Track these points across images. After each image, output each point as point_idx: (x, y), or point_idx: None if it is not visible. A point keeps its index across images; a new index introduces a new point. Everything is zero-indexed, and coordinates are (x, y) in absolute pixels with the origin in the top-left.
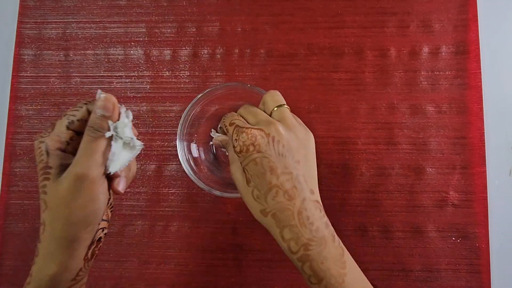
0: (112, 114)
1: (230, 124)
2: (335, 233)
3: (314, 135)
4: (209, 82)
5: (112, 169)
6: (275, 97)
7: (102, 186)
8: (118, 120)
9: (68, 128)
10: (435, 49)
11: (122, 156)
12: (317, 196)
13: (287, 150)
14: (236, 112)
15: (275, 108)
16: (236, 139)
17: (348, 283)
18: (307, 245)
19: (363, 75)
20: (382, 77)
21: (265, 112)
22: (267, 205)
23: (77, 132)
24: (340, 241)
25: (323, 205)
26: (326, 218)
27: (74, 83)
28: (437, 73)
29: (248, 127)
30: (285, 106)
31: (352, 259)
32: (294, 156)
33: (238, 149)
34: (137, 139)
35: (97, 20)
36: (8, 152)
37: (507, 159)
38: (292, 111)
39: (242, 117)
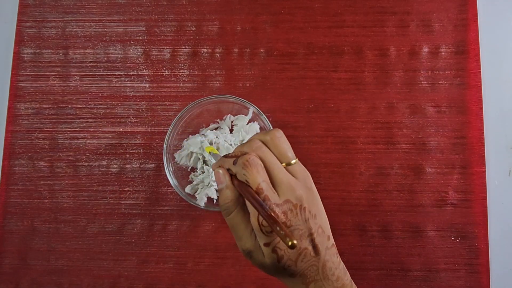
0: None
1: (259, 190)
2: (351, 278)
3: (313, 135)
4: (209, 81)
5: None
6: (283, 149)
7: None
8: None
9: None
10: (434, 49)
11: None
12: (332, 239)
13: (309, 211)
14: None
15: (287, 164)
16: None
17: None
18: None
19: (363, 74)
20: (382, 76)
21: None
22: (297, 268)
23: None
24: (355, 285)
25: (323, 204)
26: (342, 263)
27: (73, 81)
28: (437, 72)
29: (278, 203)
30: (296, 161)
31: None
32: (313, 212)
33: (268, 229)
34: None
35: (97, 18)
36: (7, 150)
37: (507, 159)
38: (291, 110)
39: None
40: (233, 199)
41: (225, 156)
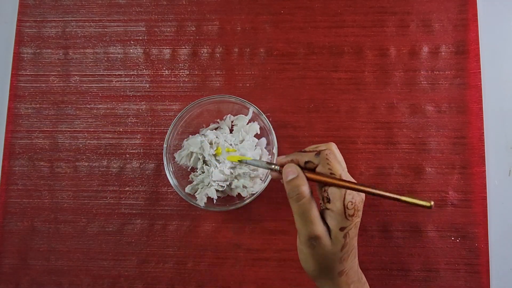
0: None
1: (341, 183)
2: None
3: (313, 134)
4: (209, 81)
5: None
6: (340, 159)
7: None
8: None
9: None
10: (435, 49)
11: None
12: None
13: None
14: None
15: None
16: (351, 202)
17: None
18: None
19: (363, 74)
20: (382, 76)
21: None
22: (346, 265)
23: None
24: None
25: None
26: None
27: (73, 81)
28: (437, 72)
29: (362, 189)
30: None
31: None
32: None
33: (351, 212)
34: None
35: (97, 18)
36: (7, 150)
37: (507, 159)
38: (291, 110)
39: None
40: (304, 187)
41: (302, 151)
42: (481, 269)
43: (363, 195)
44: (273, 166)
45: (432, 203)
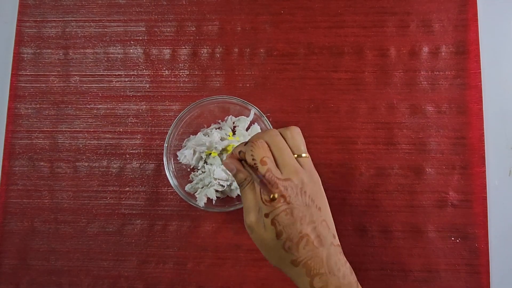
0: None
1: (262, 163)
2: (356, 279)
3: (313, 135)
4: (209, 81)
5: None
6: (297, 141)
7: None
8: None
9: None
10: (435, 49)
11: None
12: (337, 239)
13: (311, 200)
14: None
15: (298, 156)
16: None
17: None
18: None
19: (363, 74)
20: (382, 77)
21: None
22: (298, 254)
23: None
24: (360, 286)
25: None
26: (348, 264)
27: (73, 81)
28: (437, 73)
29: (279, 177)
30: (307, 156)
31: None
32: (316, 203)
33: (266, 197)
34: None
35: (97, 18)
36: (7, 150)
37: (507, 159)
38: (291, 110)
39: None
40: (243, 177)
41: (241, 143)
42: (481, 270)
43: (296, 181)
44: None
45: (276, 195)
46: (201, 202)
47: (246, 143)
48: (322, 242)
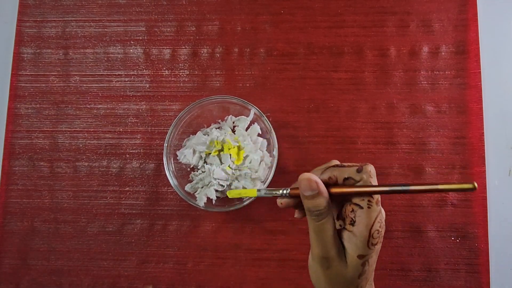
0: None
1: (377, 203)
2: None
3: (313, 135)
4: (209, 81)
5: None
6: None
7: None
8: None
9: None
10: (435, 49)
11: None
12: None
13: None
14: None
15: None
16: (378, 231)
17: None
18: None
19: (363, 74)
20: (382, 76)
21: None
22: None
23: None
24: None
25: None
26: None
27: (73, 81)
28: (437, 72)
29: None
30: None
31: None
32: None
33: (376, 241)
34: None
35: (97, 18)
36: (7, 150)
37: (507, 159)
38: (291, 110)
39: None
40: (326, 205)
41: (338, 166)
42: (481, 269)
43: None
44: (282, 192)
45: (476, 184)
46: (201, 202)
47: (360, 170)
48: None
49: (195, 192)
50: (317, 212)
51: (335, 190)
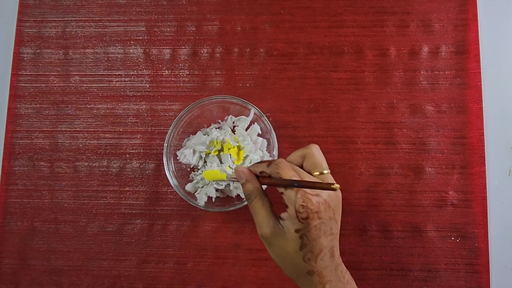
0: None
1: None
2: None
3: (313, 134)
4: (209, 81)
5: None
6: (317, 160)
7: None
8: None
9: None
10: (435, 49)
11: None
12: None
13: (333, 213)
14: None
15: (320, 174)
16: (302, 205)
17: None
18: None
19: (363, 74)
20: (382, 76)
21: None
22: (316, 265)
23: None
24: None
25: None
26: (348, 272)
27: (73, 81)
28: (437, 72)
29: (314, 194)
30: (328, 172)
31: None
32: (336, 216)
33: (304, 215)
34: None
35: (97, 18)
36: (7, 150)
37: (507, 159)
38: (291, 110)
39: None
40: (253, 189)
41: (258, 163)
42: (481, 269)
43: (325, 196)
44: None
45: (337, 186)
46: (201, 201)
47: (269, 164)
48: (334, 253)
49: (196, 192)
50: (247, 195)
51: (262, 180)
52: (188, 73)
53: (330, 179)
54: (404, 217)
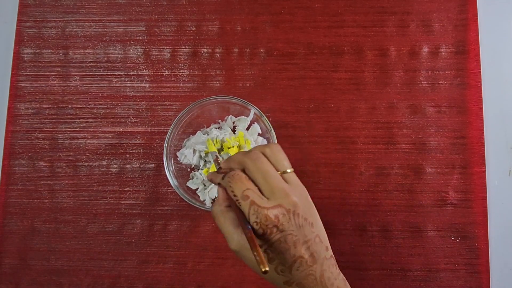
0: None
1: (244, 198)
2: None
3: (313, 135)
4: (209, 81)
5: None
6: (280, 158)
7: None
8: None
9: None
10: (435, 49)
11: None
12: (330, 251)
13: (304, 219)
14: (237, 158)
15: (283, 173)
16: (256, 222)
17: None
18: None
19: (363, 74)
20: (382, 76)
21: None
22: (291, 276)
23: None
24: None
25: (322, 204)
26: (341, 274)
27: (73, 81)
28: (437, 72)
29: (267, 207)
30: (292, 171)
31: None
32: (309, 221)
33: (260, 232)
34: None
35: (97, 18)
36: (7, 150)
37: (507, 159)
38: (291, 110)
39: (250, 176)
40: (216, 206)
41: (217, 171)
42: (481, 269)
43: (288, 203)
44: (218, 165)
45: (267, 269)
46: (208, 203)
47: (223, 176)
48: (316, 259)
49: (197, 190)
50: (212, 212)
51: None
52: (188, 73)
53: (294, 179)
54: (404, 217)
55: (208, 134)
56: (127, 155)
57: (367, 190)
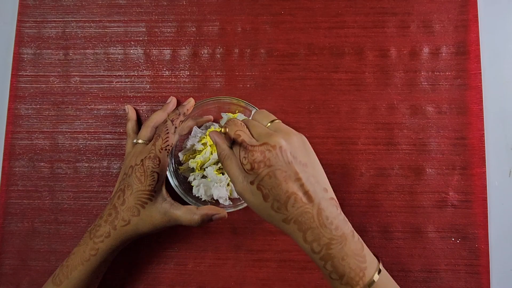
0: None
1: (236, 135)
2: (353, 228)
3: (314, 135)
4: (209, 82)
5: None
6: (265, 114)
7: None
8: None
9: None
10: (435, 50)
11: None
12: (331, 193)
13: (293, 157)
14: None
15: (269, 124)
16: (245, 157)
17: (368, 275)
18: (328, 244)
19: (363, 75)
20: (382, 77)
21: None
22: (288, 213)
23: None
24: (359, 236)
25: None
26: (343, 214)
27: (73, 82)
28: (437, 73)
29: (254, 145)
30: (277, 120)
31: (370, 252)
32: (300, 160)
33: (248, 167)
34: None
35: (97, 19)
36: (8, 151)
37: (507, 160)
38: (292, 111)
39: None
40: (223, 148)
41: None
42: (482, 270)
43: (277, 142)
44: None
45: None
46: (221, 199)
47: (226, 137)
48: (312, 197)
49: (191, 179)
50: (218, 155)
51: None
52: (188, 74)
53: (281, 125)
54: (405, 218)
55: (206, 129)
56: None
57: (368, 191)
